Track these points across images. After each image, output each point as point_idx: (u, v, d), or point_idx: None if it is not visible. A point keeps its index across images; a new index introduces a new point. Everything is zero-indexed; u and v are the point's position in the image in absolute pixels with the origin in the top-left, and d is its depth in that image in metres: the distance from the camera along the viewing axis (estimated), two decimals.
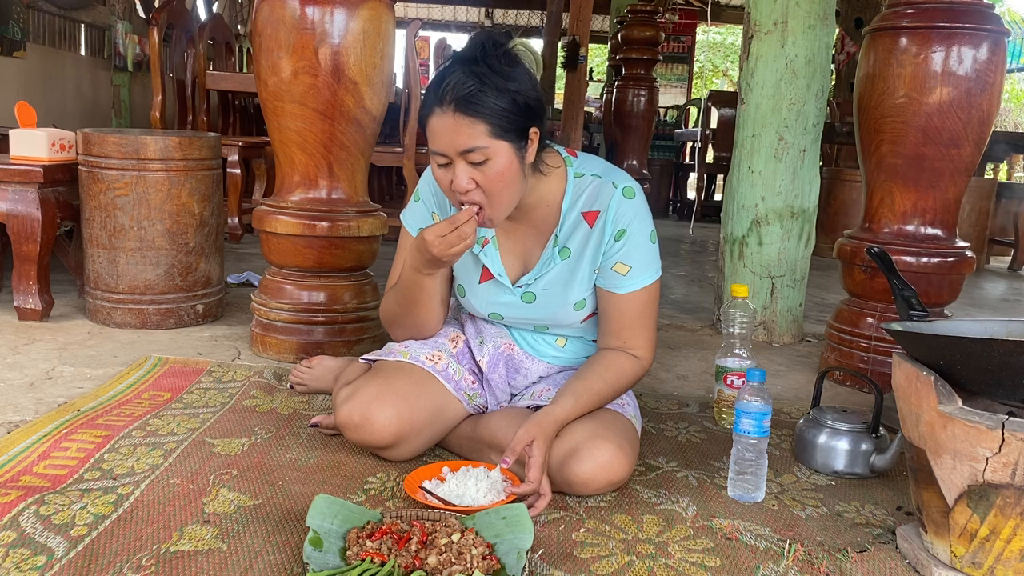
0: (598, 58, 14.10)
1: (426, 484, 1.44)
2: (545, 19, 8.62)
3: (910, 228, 2.29)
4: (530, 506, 1.38)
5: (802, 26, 2.68)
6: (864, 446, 1.67)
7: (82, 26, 5.30)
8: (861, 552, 1.36)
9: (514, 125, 1.40)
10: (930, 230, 2.29)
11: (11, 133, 2.51)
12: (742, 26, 2.93)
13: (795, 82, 2.71)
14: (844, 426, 1.70)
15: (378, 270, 2.46)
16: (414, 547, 1.20)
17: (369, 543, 1.20)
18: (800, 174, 2.78)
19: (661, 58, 6.94)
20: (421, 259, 1.53)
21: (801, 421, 1.78)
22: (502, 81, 1.38)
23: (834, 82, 6.52)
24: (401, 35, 3.12)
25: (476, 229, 1.44)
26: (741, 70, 2.86)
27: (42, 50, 4.80)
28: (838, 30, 6.25)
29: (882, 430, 1.71)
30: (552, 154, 1.57)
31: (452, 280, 1.72)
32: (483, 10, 12.70)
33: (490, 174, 1.40)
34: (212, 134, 2.70)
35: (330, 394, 1.90)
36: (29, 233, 2.46)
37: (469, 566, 1.16)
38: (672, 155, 8.32)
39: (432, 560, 1.16)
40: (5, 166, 2.43)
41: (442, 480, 1.45)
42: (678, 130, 8.40)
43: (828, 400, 2.11)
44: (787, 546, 1.37)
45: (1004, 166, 7.42)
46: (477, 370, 1.70)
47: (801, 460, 1.75)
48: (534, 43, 1.55)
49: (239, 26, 7.70)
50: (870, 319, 2.35)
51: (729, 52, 17.71)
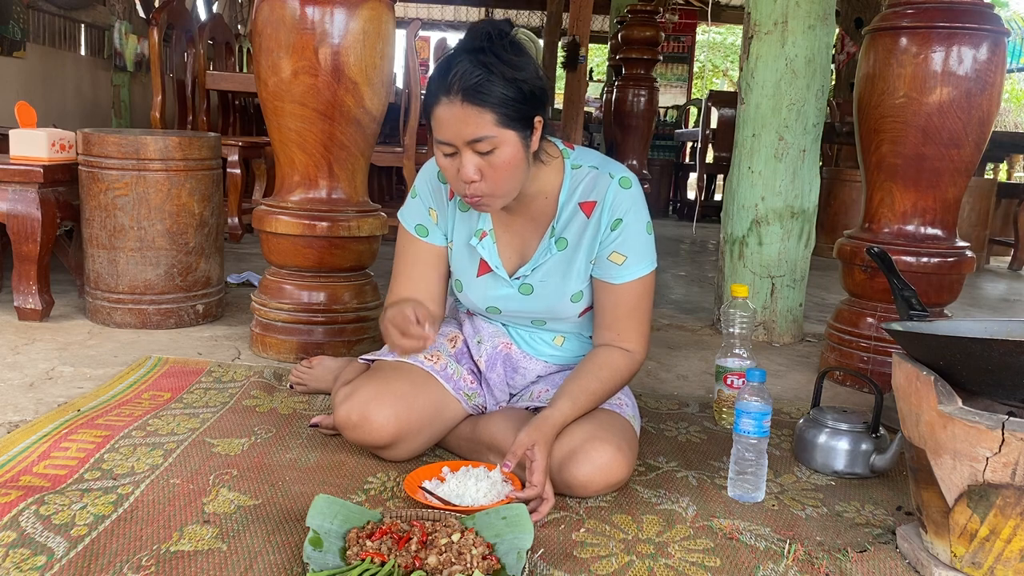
0: (598, 58, 14.09)
1: (426, 484, 1.44)
2: (545, 19, 8.62)
3: (910, 228, 2.29)
4: (533, 510, 1.37)
5: (802, 26, 2.68)
6: (864, 446, 1.67)
7: (82, 26, 5.30)
8: (861, 552, 1.36)
9: (520, 114, 1.40)
10: (930, 230, 2.29)
11: (11, 133, 2.51)
12: (742, 26, 2.93)
13: (795, 82, 2.71)
14: (844, 426, 1.70)
15: (378, 270, 2.46)
16: (414, 547, 1.20)
17: (369, 543, 1.20)
18: (800, 174, 2.78)
19: (661, 58, 6.95)
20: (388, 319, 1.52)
21: (801, 421, 1.78)
22: (509, 70, 1.38)
23: (834, 82, 6.52)
24: (401, 35, 3.12)
25: (424, 340, 1.44)
26: (741, 70, 2.86)
27: (42, 50, 4.80)
28: (838, 30, 6.25)
29: (882, 430, 1.71)
30: (551, 145, 1.57)
31: (448, 276, 1.72)
32: (483, 10, 12.71)
33: (497, 163, 1.41)
34: (212, 134, 2.70)
35: (330, 394, 1.90)
36: (29, 233, 2.46)
37: (469, 566, 1.16)
38: (672, 155, 8.32)
39: (432, 560, 1.16)
40: (5, 166, 2.43)
41: (442, 480, 1.45)
42: (678, 130, 8.40)
43: (828, 400, 2.11)
44: (787, 546, 1.37)
45: (1004, 166, 7.42)
46: (476, 370, 1.70)
47: (801, 460, 1.75)
48: None
49: (239, 26, 7.70)
50: (870, 319, 2.35)
51: (729, 52, 17.71)
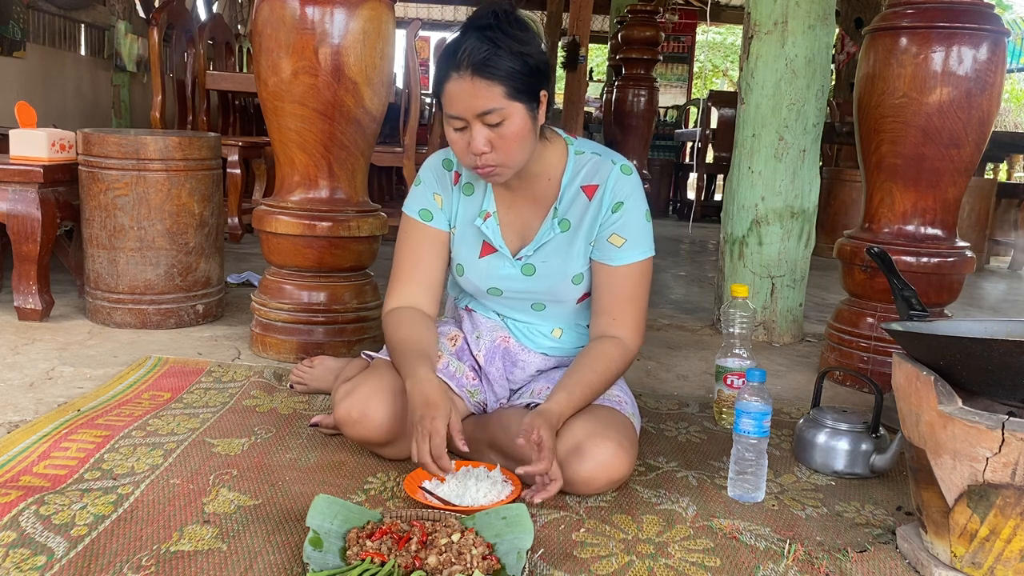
0: (598, 58, 14.09)
1: (426, 484, 1.44)
2: (545, 19, 8.61)
3: (910, 228, 2.29)
4: (542, 488, 1.39)
5: (802, 26, 2.68)
6: (864, 446, 1.67)
7: (82, 26, 5.30)
8: (861, 552, 1.36)
9: (527, 87, 1.46)
10: (930, 230, 2.29)
11: (11, 133, 2.51)
12: (742, 26, 2.93)
13: (795, 82, 2.71)
14: (844, 426, 1.70)
15: (378, 270, 2.46)
16: (414, 547, 1.20)
17: (369, 543, 1.20)
18: (800, 174, 2.78)
19: (661, 58, 6.94)
20: (409, 402, 1.49)
21: (801, 421, 1.78)
22: (516, 45, 1.44)
23: (834, 82, 6.52)
24: (401, 35, 3.12)
25: (436, 450, 1.41)
26: (741, 70, 2.86)
27: (42, 50, 4.80)
28: (838, 30, 6.25)
29: (882, 430, 1.71)
30: (552, 131, 1.64)
31: (448, 267, 1.73)
32: None
33: (506, 134, 1.46)
34: (212, 134, 2.70)
35: (330, 394, 1.90)
36: (29, 233, 2.46)
37: (469, 566, 1.16)
38: (672, 155, 8.32)
39: (432, 560, 1.16)
40: (5, 166, 2.43)
41: (442, 480, 1.45)
42: (678, 130, 8.40)
43: (828, 400, 2.11)
44: (787, 546, 1.37)
45: (1004, 166, 7.42)
46: (477, 367, 1.71)
47: (801, 460, 1.75)
48: None
49: (239, 26, 7.70)
50: (870, 319, 2.35)
51: (729, 52, 17.71)
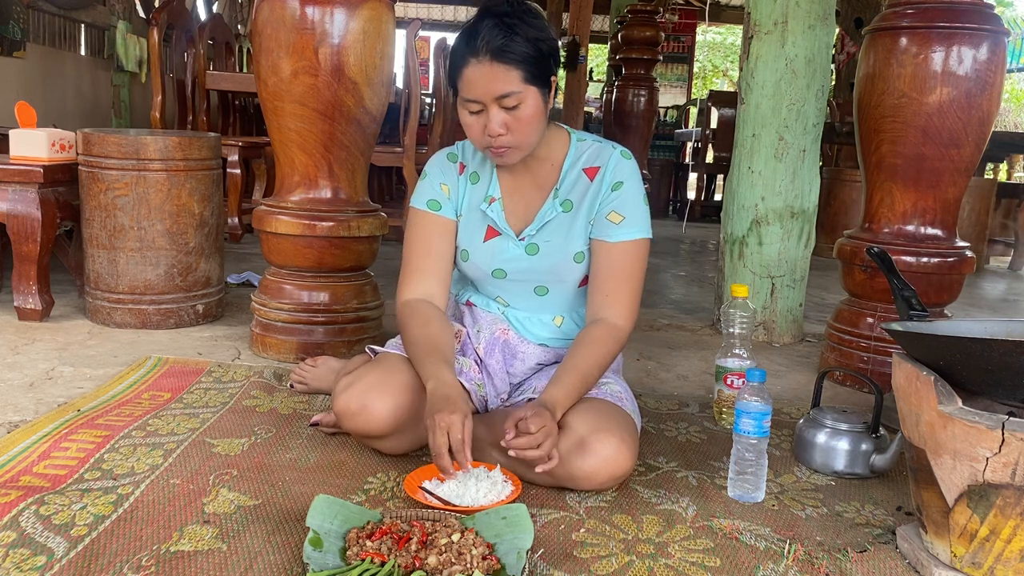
0: (598, 58, 14.10)
1: (426, 484, 1.44)
2: (548, 23, 8.61)
3: (910, 228, 2.29)
4: (538, 445, 1.39)
5: (802, 26, 2.68)
6: (864, 446, 1.67)
7: (82, 26, 5.30)
8: (861, 552, 1.36)
9: (541, 71, 1.52)
10: (930, 230, 2.29)
11: (11, 133, 2.51)
12: (742, 26, 2.93)
13: (795, 82, 2.71)
14: (844, 426, 1.70)
15: (378, 270, 2.46)
16: (414, 547, 1.20)
17: (369, 543, 1.20)
18: (800, 174, 2.78)
19: (661, 58, 6.94)
20: (429, 399, 1.48)
21: (801, 421, 1.78)
22: (532, 31, 1.51)
23: (834, 82, 6.52)
24: (401, 35, 3.12)
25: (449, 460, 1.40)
26: (741, 70, 2.86)
27: (42, 50, 4.80)
28: (838, 30, 6.25)
29: (882, 430, 1.71)
30: (554, 124, 1.68)
31: (455, 256, 1.73)
32: None
33: (522, 116, 1.52)
34: (212, 134, 2.70)
35: (330, 394, 1.90)
36: (29, 233, 2.46)
37: (469, 566, 1.16)
38: (672, 155, 8.32)
39: (432, 560, 1.16)
40: (5, 166, 2.43)
41: (442, 480, 1.45)
42: (678, 130, 8.40)
43: (828, 400, 2.11)
44: (787, 546, 1.37)
45: (1004, 166, 7.42)
46: (478, 360, 1.72)
47: (801, 460, 1.75)
48: None
49: (239, 26, 7.70)
50: (870, 319, 2.35)
51: (729, 52, 17.71)
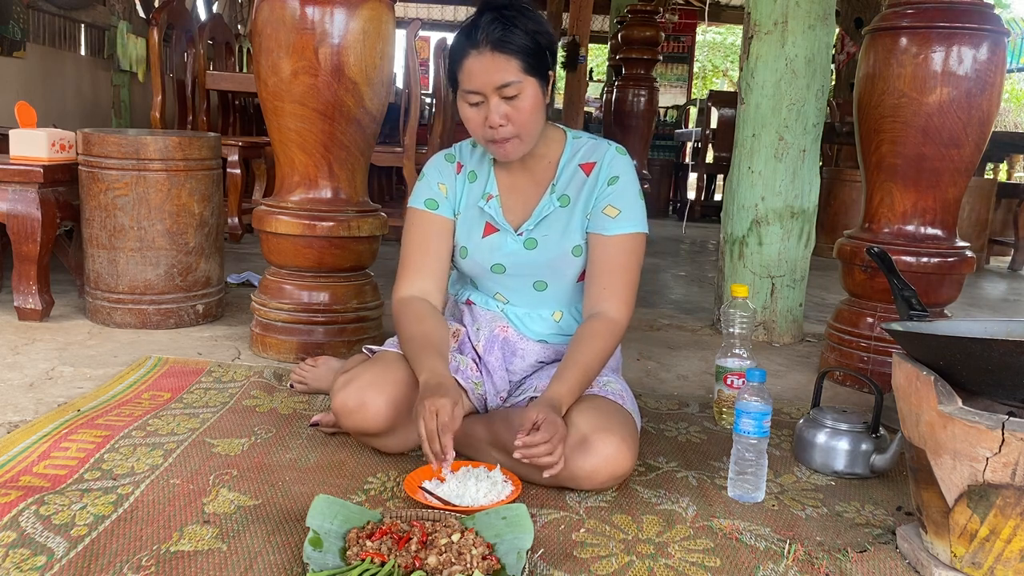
0: (598, 58, 14.09)
1: (426, 484, 1.44)
2: (546, 19, 8.62)
3: (910, 228, 2.29)
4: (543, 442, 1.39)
5: (802, 26, 2.68)
6: (864, 446, 1.67)
7: (82, 26, 5.30)
8: (861, 552, 1.36)
9: (540, 64, 1.56)
10: (930, 230, 2.29)
11: (11, 133, 2.51)
12: (742, 26, 2.93)
13: (795, 82, 2.71)
14: (844, 426, 1.70)
15: (378, 270, 2.46)
16: (414, 547, 1.20)
17: (369, 543, 1.20)
18: (800, 174, 2.78)
19: (661, 58, 6.94)
20: (421, 389, 1.50)
21: (801, 421, 1.78)
22: (531, 23, 1.54)
23: (834, 82, 6.52)
24: (401, 35, 3.12)
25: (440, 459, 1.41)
26: (741, 70, 2.86)
27: (42, 50, 4.80)
28: (838, 30, 6.25)
29: (882, 430, 1.71)
30: (550, 123, 1.70)
31: (452, 256, 1.74)
32: None
33: (522, 107, 1.54)
34: (212, 134, 2.70)
35: (330, 394, 1.90)
36: (29, 233, 2.46)
37: (469, 566, 1.16)
38: (672, 155, 8.32)
39: (432, 560, 1.16)
40: (5, 166, 2.43)
41: (442, 480, 1.45)
42: (678, 130, 8.40)
43: (828, 400, 2.11)
44: (787, 546, 1.37)
45: (1004, 166, 7.41)
46: (478, 358, 1.72)
47: (801, 460, 1.75)
48: None
49: (239, 26, 7.69)
50: (870, 319, 2.34)
51: (729, 52, 17.70)
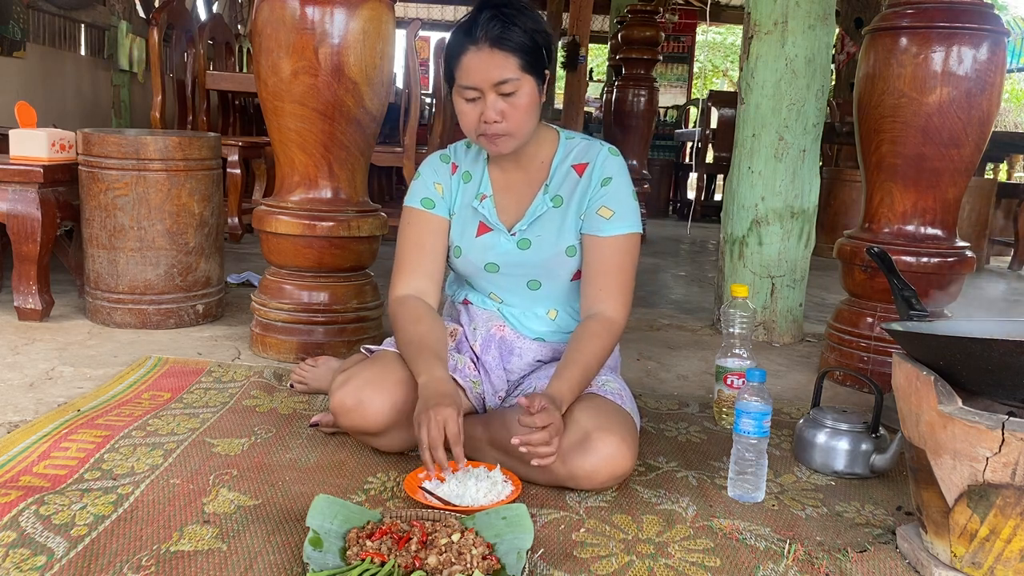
0: (598, 58, 14.08)
1: (426, 484, 1.44)
2: (545, 19, 8.61)
3: (910, 228, 2.29)
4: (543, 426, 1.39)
5: (802, 26, 2.68)
6: (864, 446, 1.67)
7: (82, 26, 5.30)
8: (861, 552, 1.36)
9: (537, 62, 1.56)
10: (930, 230, 2.29)
11: (11, 133, 2.51)
12: (742, 26, 2.93)
13: (795, 82, 2.71)
14: (844, 426, 1.70)
15: (378, 270, 2.46)
16: (414, 547, 1.20)
17: (369, 543, 1.20)
18: (800, 174, 2.78)
19: (661, 58, 6.93)
20: (421, 394, 1.50)
21: (801, 421, 1.78)
22: (529, 22, 1.55)
23: (834, 82, 6.51)
24: (401, 35, 3.12)
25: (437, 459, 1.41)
26: (741, 70, 2.86)
27: (42, 50, 4.79)
28: (838, 30, 6.25)
29: (882, 430, 1.71)
30: (543, 124, 1.70)
31: (447, 255, 1.74)
32: None
33: (518, 104, 1.55)
34: (212, 134, 2.70)
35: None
36: (29, 233, 2.46)
37: (469, 566, 1.16)
38: (672, 155, 8.32)
39: (432, 560, 1.16)
40: (5, 166, 2.43)
41: (442, 480, 1.45)
42: (678, 130, 8.40)
43: (828, 400, 2.10)
44: (787, 546, 1.37)
45: (1004, 166, 7.41)
46: (475, 357, 1.72)
47: (801, 460, 1.75)
48: None
49: (239, 26, 7.69)
50: (870, 319, 2.34)
51: (729, 52, 17.69)
